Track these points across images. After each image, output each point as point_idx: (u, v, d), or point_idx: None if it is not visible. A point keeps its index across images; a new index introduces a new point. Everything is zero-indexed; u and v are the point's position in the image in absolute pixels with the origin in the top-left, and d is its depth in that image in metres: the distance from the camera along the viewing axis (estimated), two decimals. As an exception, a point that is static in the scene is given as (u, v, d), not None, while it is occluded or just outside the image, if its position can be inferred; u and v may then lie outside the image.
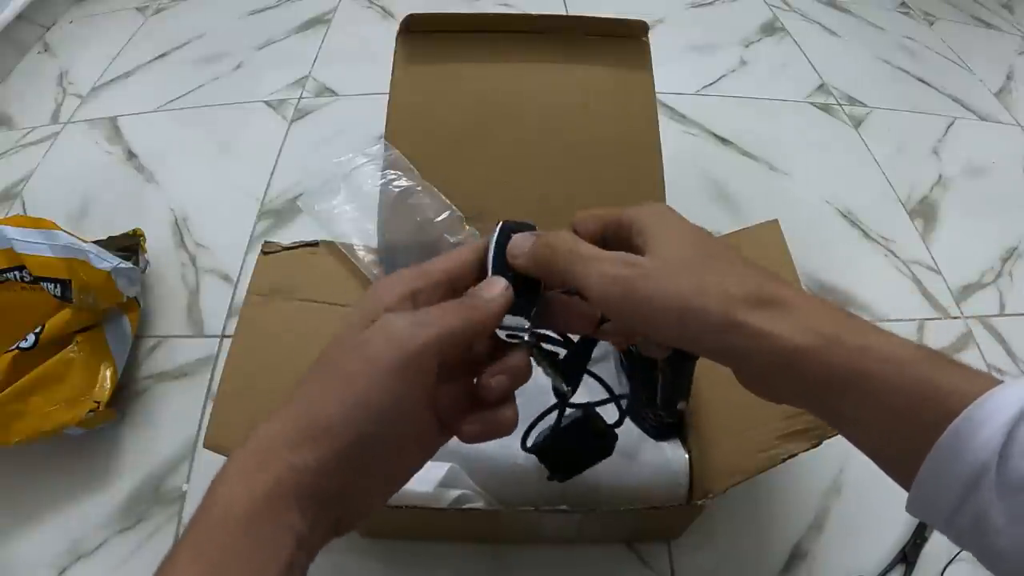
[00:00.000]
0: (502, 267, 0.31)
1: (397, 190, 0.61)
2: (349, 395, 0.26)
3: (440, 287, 0.30)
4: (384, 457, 0.27)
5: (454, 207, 0.62)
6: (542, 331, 0.32)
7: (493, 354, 0.31)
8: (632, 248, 0.30)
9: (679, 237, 0.30)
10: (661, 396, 0.36)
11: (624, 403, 0.38)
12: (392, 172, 0.62)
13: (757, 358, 0.27)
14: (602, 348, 0.64)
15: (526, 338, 0.31)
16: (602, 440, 0.41)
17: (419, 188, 0.61)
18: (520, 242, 0.31)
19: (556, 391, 0.34)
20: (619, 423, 0.40)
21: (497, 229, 0.32)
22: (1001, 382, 0.24)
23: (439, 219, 0.61)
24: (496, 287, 0.30)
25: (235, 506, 0.24)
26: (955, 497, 0.23)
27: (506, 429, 0.30)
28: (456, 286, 0.31)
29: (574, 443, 0.40)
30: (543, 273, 0.31)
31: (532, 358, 0.31)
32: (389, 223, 0.62)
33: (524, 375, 0.31)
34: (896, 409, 0.24)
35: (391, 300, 0.28)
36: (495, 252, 0.31)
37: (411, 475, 0.30)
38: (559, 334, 0.33)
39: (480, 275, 0.31)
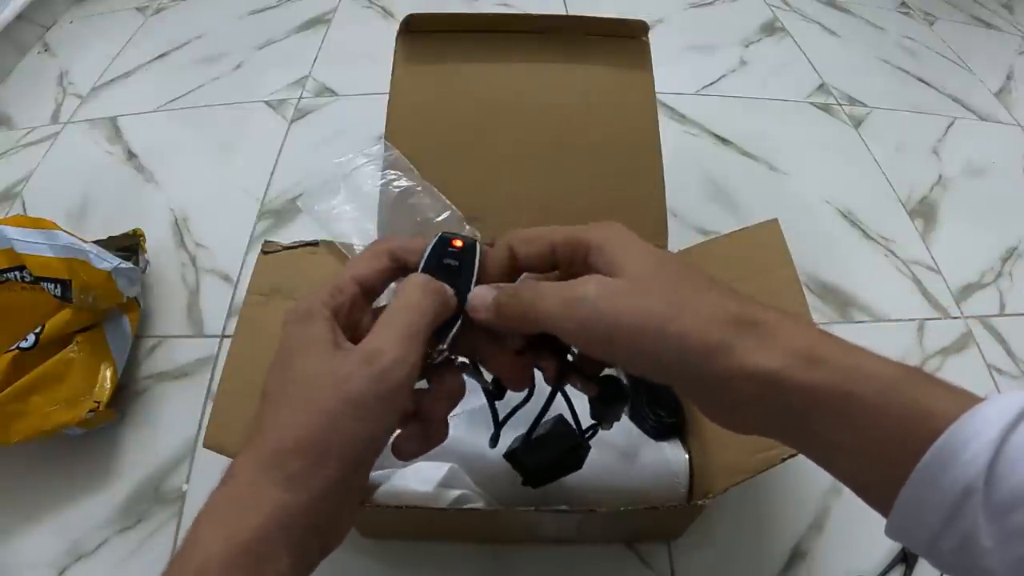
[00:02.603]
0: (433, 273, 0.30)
1: (397, 190, 0.61)
2: (340, 431, 0.26)
3: (357, 299, 0.30)
4: (362, 482, 0.28)
5: (454, 207, 0.62)
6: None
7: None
8: (588, 271, 0.28)
9: (643, 257, 0.28)
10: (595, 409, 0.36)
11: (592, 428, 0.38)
12: (392, 172, 0.62)
13: (737, 384, 0.25)
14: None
15: (443, 359, 0.30)
16: (574, 453, 0.41)
17: (419, 188, 0.61)
18: (480, 298, 0.30)
19: (485, 391, 0.34)
20: (589, 436, 0.39)
21: (436, 238, 0.31)
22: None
23: (439, 219, 0.61)
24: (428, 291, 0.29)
25: (214, 553, 0.23)
26: (939, 521, 0.22)
27: (438, 443, 0.31)
28: (369, 294, 0.31)
29: (545, 454, 0.40)
30: (511, 325, 0.29)
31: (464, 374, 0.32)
32: (389, 223, 0.62)
33: (459, 395, 0.31)
34: (881, 432, 0.23)
35: (324, 322, 0.28)
36: (428, 259, 0.30)
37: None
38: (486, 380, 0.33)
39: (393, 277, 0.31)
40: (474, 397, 0.53)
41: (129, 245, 0.77)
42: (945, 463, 0.22)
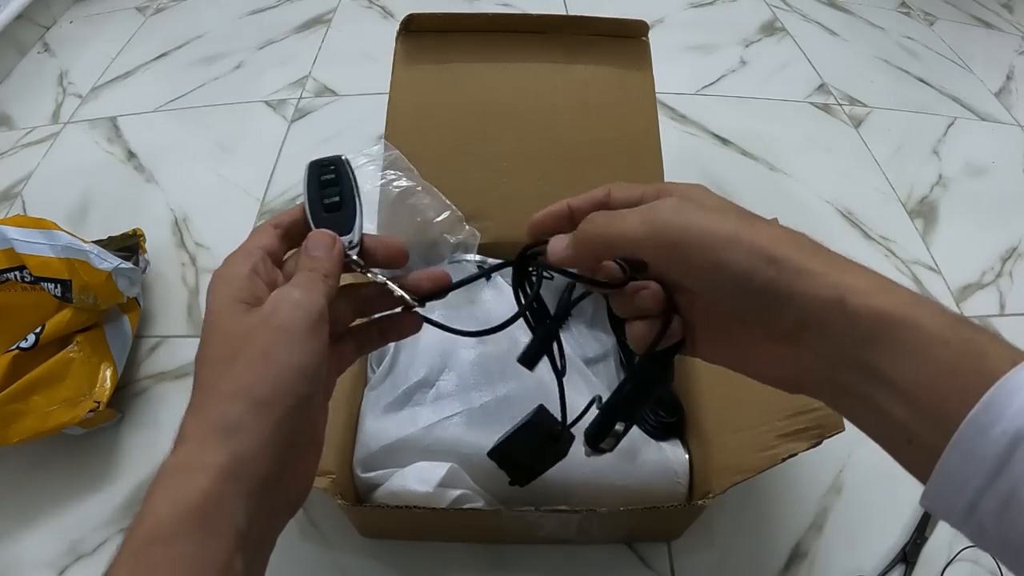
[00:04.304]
0: (318, 208, 0.33)
1: (397, 190, 0.61)
2: (275, 366, 0.26)
3: (266, 260, 0.31)
4: (311, 418, 0.29)
5: (454, 207, 0.62)
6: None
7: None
8: None
9: (720, 200, 0.30)
10: (608, 403, 0.35)
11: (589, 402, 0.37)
12: (392, 172, 0.62)
13: (801, 302, 0.25)
14: (603, 347, 0.64)
15: (359, 262, 0.32)
16: (555, 443, 0.40)
17: (419, 188, 0.61)
18: (558, 240, 0.32)
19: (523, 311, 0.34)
20: (568, 423, 0.39)
21: (308, 169, 0.34)
22: None
23: (439, 219, 0.61)
24: (321, 244, 0.31)
25: (164, 515, 0.24)
26: (985, 474, 0.21)
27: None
28: (274, 258, 0.32)
29: (525, 447, 0.40)
30: (592, 252, 0.30)
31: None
32: (389, 223, 0.62)
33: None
34: (939, 367, 0.23)
35: (244, 279, 0.29)
36: (309, 194, 0.33)
37: (324, 430, 0.32)
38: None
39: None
40: (475, 396, 0.54)
41: (129, 245, 0.77)
42: (996, 412, 0.21)
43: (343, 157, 0.34)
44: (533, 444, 0.41)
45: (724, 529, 0.61)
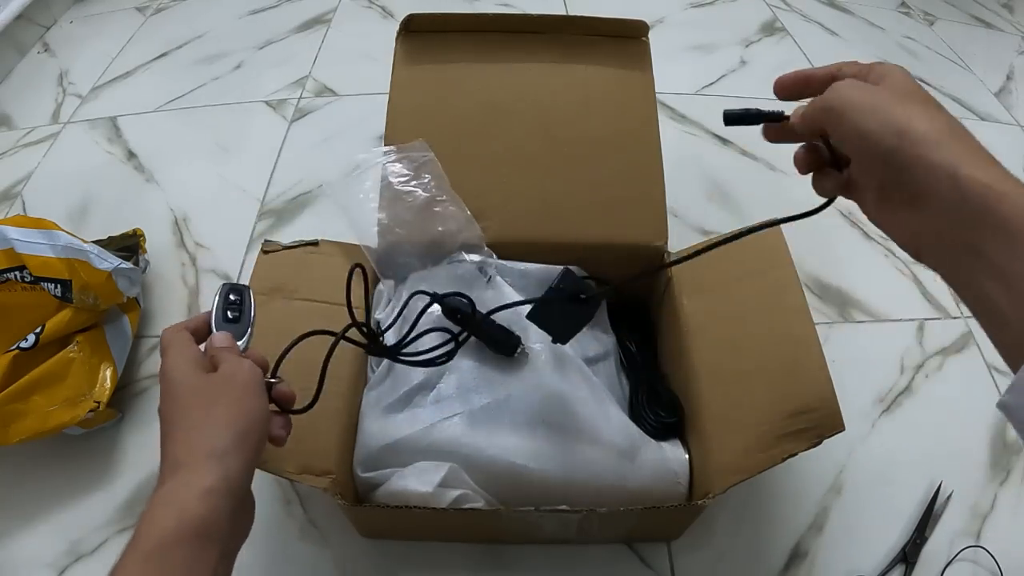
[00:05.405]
0: (221, 317, 0.43)
1: (397, 190, 0.61)
2: (246, 407, 0.36)
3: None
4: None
5: (479, 227, 0.61)
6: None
7: None
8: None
9: (904, 82, 0.34)
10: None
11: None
12: (393, 173, 0.62)
13: (916, 169, 0.28)
14: (603, 347, 0.64)
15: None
16: (583, 304, 0.47)
17: (445, 198, 0.61)
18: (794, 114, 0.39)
19: None
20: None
21: (219, 292, 0.43)
22: None
23: (459, 232, 0.61)
24: (224, 341, 0.41)
25: (169, 528, 0.30)
26: None
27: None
28: (196, 336, 0.41)
29: (557, 310, 0.47)
30: (817, 125, 0.36)
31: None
32: (389, 222, 0.62)
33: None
34: None
35: (197, 352, 0.39)
36: (217, 305, 0.43)
37: None
38: None
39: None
40: (475, 398, 0.54)
41: (129, 245, 0.77)
42: None
43: (248, 287, 0.45)
44: (564, 306, 0.46)
45: (724, 529, 0.61)
